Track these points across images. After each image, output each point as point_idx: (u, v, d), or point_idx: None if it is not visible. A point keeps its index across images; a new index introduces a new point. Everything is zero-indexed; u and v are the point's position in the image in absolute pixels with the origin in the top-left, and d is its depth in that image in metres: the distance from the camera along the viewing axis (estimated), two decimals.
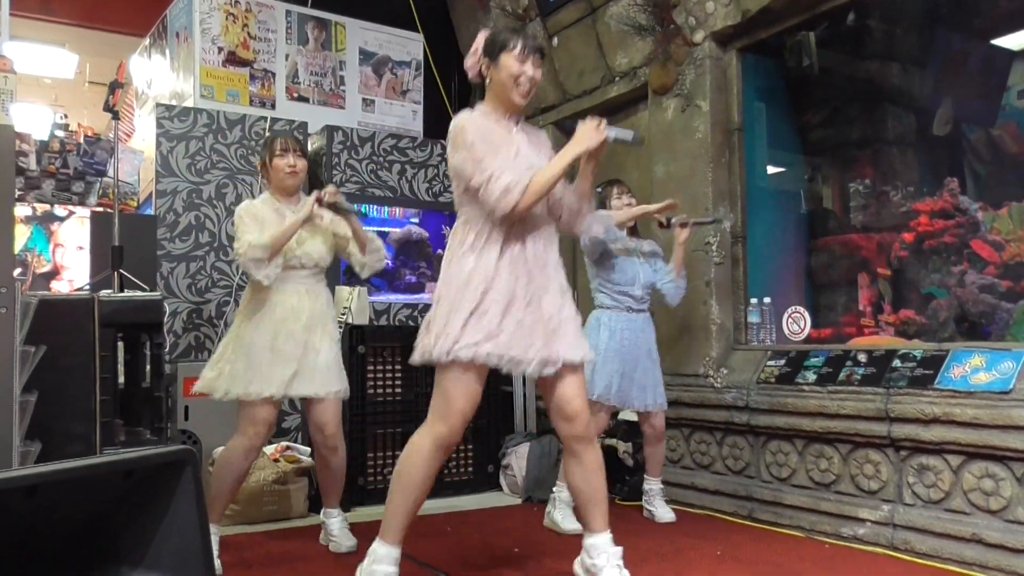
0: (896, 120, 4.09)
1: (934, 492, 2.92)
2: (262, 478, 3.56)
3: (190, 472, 1.56)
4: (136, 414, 3.18)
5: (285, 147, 2.96)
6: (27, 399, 2.43)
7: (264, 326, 2.85)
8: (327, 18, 5.08)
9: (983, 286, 3.41)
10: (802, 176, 4.53)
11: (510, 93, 2.34)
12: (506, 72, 2.32)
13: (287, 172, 2.95)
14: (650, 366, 3.49)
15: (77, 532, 1.51)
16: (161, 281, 4.09)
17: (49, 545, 1.47)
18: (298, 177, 2.99)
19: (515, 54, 2.30)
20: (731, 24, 3.86)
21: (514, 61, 2.31)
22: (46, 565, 1.47)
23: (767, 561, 2.89)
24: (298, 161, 2.97)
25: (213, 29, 4.65)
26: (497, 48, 2.35)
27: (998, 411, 2.71)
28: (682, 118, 4.08)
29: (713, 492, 3.73)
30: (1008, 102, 3.61)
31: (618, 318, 3.46)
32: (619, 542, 2.40)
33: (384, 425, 4.02)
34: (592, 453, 2.43)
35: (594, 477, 2.42)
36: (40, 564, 1.46)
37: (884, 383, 3.09)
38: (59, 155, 4.27)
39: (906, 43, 4.10)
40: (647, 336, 3.52)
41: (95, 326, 2.97)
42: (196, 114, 4.33)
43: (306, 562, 2.95)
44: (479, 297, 2.26)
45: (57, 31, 6.39)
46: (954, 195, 3.59)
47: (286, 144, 2.97)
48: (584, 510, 2.44)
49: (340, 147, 4.60)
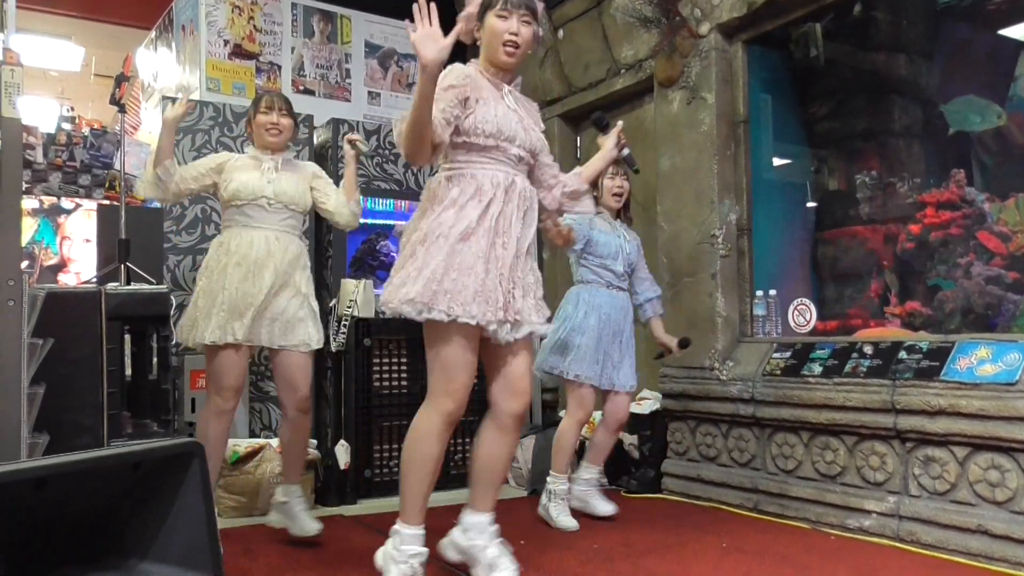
0: (902, 111, 4.07)
1: (940, 484, 2.92)
2: (268, 470, 3.57)
3: (197, 464, 1.57)
4: (143, 406, 3.20)
5: (270, 105, 2.97)
6: (35, 391, 2.45)
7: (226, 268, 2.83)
8: (333, 11, 5.08)
9: (989, 277, 3.40)
10: (808, 168, 4.51)
11: (496, 52, 2.30)
12: (490, 30, 2.29)
13: (267, 129, 2.95)
14: (625, 347, 3.41)
15: (85, 523, 1.52)
16: (168, 274, 4.10)
17: (58, 536, 1.48)
18: (281, 136, 2.98)
19: (497, 10, 2.28)
20: (737, 16, 3.85)
21: (497, 19, 2.29)
22: (55, 556, 1.48)
23: (773, 553, 2.89)
24: (282, 119, 2.96)
25: (219, 22, 4.65)
26: (483, 7, 2.33)
27: (1004, 402, 2.71)
28: (687, 110, 4.07)
29: (719, 484, 3.73)
30: (1015, 92, 3.58)
31: (598, 293, 3.39)
32: (625, 534, 2.40)
33: (390, 418, 4.03)
34: (515, 435, 2.40)
35: (506, 458, 2.40)
36: (49, 555, 1.47)
37: (890, 375, 3.09)
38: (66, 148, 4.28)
39: (912, 34, 4.07)
40: (626, 316, 3.45)
41: (102, 319, 2.98)
42: (202, 107, 4.33)
43: (311, 553, 2.96)
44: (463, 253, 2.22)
45: (63, 24, 6.40)
46: (960, 186, 3.57)
47: (271, 102, 2.98)
48: (481, 487, 2.40)
49: None
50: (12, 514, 1.36)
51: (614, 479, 4.15)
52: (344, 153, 3.09)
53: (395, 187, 4.77)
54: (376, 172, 4.71)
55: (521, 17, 2.28)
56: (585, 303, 3.38)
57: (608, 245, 3.41)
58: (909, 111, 4.06)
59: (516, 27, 2.27)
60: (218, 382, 2.84)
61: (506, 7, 2.27)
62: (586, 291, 3.41)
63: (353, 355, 3.95)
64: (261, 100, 3.01)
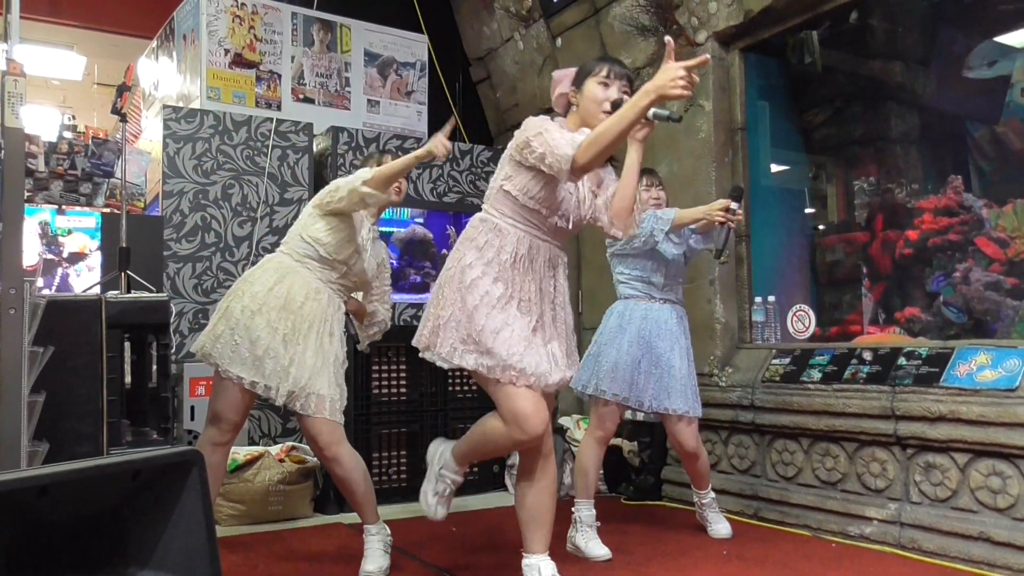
0: (899, 118, 4.09)
1: (941, 490, 2.92)
2: (267, 478, 3.57)
3: (197, 473, 1.57)
4: (142, 414, 3.20)
5: None
6: (35, 399, 2.45)
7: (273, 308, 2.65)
8: (332, 20, 5.10)
9: (988, 283, 3.41)
10: (806, 175, 4.53)
11: (595, 117, 2.28)
12: (590, 96, 2.31)
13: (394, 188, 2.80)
14: (673, 362, 3.10)
15: (85, 532, 1.52)
16: (168, 282, 4.11)
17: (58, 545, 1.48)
18: (400, 195, 2.89)
19: (599, 77, 2.30)
20: (733, 24, 3.86)
21: (598, 85, 2.31)
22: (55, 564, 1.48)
23: (774, 560, 2.89)
24: (403, 181, 2.85)
25: (220, 31, 4.67)
26: (583, 74, 2.36)
27: (1004, 408, 2.71)
28: (685, 118, 4.08)
29: (719, 491, 3.71)
30: (1012, 99, 3.60)
31: (636, 308, 3.17)
32: (626, 542, 2.39)
33: (389, 425, 4.03)
34: (549, 468, 2.35)
35: (545, 495, 2.35)
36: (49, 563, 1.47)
37: (889, 381, 3.09)
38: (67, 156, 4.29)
39: (908, 41, 4.09)
40: (672, 329, 3.15)
41: (102, 327, 2.99)
42: (202, 115, 4.35)
43: (310, 563, 2.96)
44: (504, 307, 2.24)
45: (65, 33, 6.43)
46: (958, 192, 3.59)
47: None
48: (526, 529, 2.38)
49: (345, 148, 4.62)
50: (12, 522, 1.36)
51: (613, 486, 4.15)
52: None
53: None
54: None
55: (622, 87, 2.31)
56: (619, 317, 3.18)
57: (645, 257, 3.19)
58: (906, 117, 4.08)
59: (617, 95, 2.29)
60: (218, 411, 2.69)
61: (609, 76, 2.30)
62: (622, 305, 3.21)
63: (352, 363, 3.94)
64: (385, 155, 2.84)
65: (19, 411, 2.14)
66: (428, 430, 4.04)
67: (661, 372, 3.08)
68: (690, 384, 3.13)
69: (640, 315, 3.15)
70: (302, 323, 2.67)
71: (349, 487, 2.74)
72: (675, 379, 3.08)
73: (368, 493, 2.76)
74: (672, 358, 3.10)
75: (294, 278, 2.70)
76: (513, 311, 2.24)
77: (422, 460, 2.68)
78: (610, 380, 3.08)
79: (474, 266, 2.25)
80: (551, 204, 2.28)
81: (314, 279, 2.72)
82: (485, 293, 2.22)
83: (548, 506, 2.35)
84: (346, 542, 3.20)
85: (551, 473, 2.34)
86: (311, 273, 2.72)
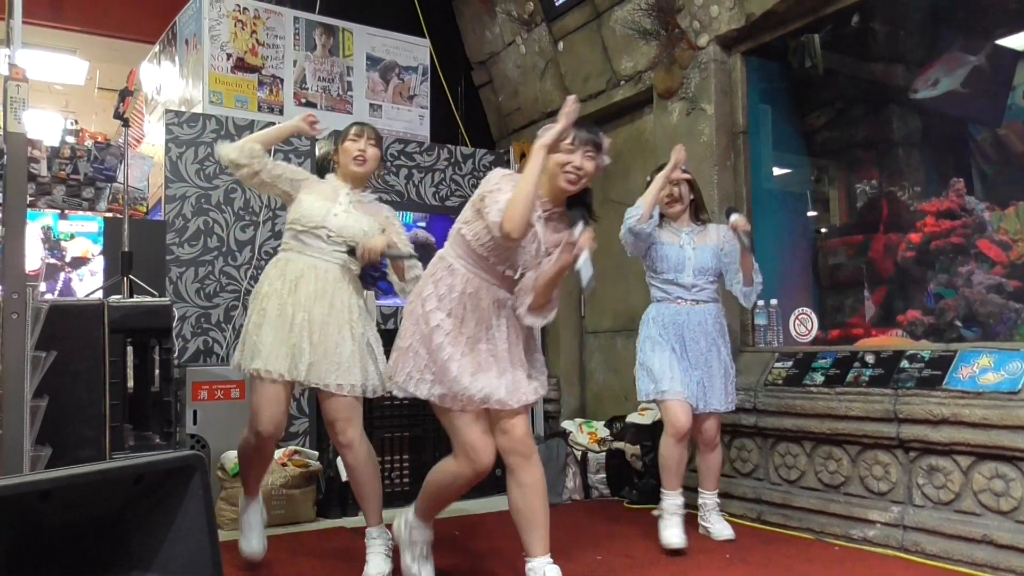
0: (901, 121, 4.09)
1: (944, 493, 2.91)
2: (270, 482, 3.57)
3: (199, 477, 1.57)
4: (145, 419, 3.20)
5: (359, 133, 2.88)
6: (38, 404, 2.45)
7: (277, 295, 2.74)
8: (334, 24, 5.10)
9: (990, 286, 3.40)
10: (808, 178, 4.53)
11: (557, 178, 2.36)
12: (555, 159, 2.36)
13: (354, 157, 2.85)
14: (711, 362, 3.20)
15: (88, 536, 1.52)
16: (170, 286, 4.11)
17: (60, 549, 1.48)
18: (365, 166, 2.87)
19: (566, 143, 2.35)
20: (735, 28, 3.87)
21: (563, 152, 2.35)
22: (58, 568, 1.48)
23: (777, 564, 2.88)
24: (370, 148, 2.87)
25: (222, 36, 4.68)
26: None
27: (1007, 411, 2.71)
28: (687, 121, 4.09)
29: (722, 495, 3.70)
30: (1014, 102, 3.60)
31: (667, 309, 3.23)
32: (628, 546, 2.40)
33: (391, 429, 4.03)
34: (533, 469, 2.40)
35: (534, 497, 2.39)
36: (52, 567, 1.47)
37: (892, 384, 3.08)
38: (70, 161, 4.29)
39: (910, 44, 4.10)
40: (708, 329, 3.23)
41: (105, 331, 2.99)
42: (205, 120, 4.36)
43: (313, 566, 2.95)
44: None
45: (67, 38, 6.44)
46: (960, 195, 3.58)
47: (361, 130, 2.89)
48: (523, 533, 2.42)
49: None
50: (15, 526, 1.36)
51: (616, 490, 4.15)
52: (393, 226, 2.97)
53: (396, 198, 4.79)
54: (378, 184, 4.72)
55: (585, 152, 2.36)
56: (653, 320, 3.25)
57: (667, 259, 3.23)
58: (908, 120, 4.08)
59: (580, 161, 2.35)
60: (252, 418, 2.74)
61: (574, 141, 2.35)
62: (655, 308, 3.28)
63: None
64: (351, 127, 2.92)
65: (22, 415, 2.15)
66: (431, 433, 4.03)
67: (700, 374, 3.20)
68: (729, 379, 3.27)
69: (672, 318, 3.24)
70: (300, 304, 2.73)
71: (365, 480, 2.84)
72: (715, 378, 3.22)
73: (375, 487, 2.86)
74: (710, 358, 3.22)
75: (285, 265, 2.81)
76: (463, 345, 2.37)
77: (425, 463, 2.70)
78: (664, 379, 3.15)
79: (429, 299, 2.40)
80: (500, 255, 2.38)
81: (305, 257, 2.80)
82: (437, 326, 2.36)
83: (540, 507, 2.40)
84: (348, 546, 3.20)
85: (537, 474, 2.41)
86: (301, 255, 2.81)
